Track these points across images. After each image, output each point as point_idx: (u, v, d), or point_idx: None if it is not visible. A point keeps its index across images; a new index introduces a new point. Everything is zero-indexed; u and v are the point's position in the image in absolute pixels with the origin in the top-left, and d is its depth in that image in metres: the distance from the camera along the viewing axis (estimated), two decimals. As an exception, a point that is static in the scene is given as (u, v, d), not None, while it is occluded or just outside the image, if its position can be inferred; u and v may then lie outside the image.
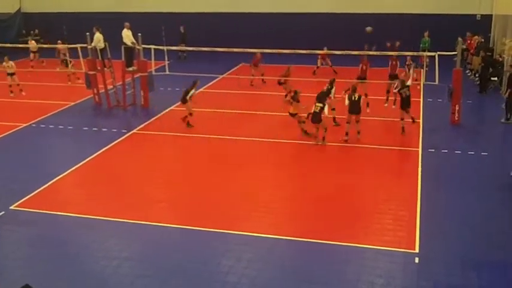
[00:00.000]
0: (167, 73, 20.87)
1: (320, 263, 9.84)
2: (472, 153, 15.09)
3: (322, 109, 15.72)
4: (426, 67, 22.53)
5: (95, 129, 18.04)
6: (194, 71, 20.83)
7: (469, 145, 15.71)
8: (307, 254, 10.22)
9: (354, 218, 11.51)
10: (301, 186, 13.35)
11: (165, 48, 21.06)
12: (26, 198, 12.64)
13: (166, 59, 20.86)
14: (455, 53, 18.06)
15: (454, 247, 10.29)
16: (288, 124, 17.36)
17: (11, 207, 12.16)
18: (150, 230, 11.17)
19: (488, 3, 27.79)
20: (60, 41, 25.68)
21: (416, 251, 10.11)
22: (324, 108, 15.72)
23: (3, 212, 11.94)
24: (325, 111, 15.77)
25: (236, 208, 12.04)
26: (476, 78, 22.80)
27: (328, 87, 17.65)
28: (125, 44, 20.05)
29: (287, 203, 12.42)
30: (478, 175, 13.67)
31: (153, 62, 20.45)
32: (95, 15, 29.15)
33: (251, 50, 20.66)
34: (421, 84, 20.15)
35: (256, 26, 30.06)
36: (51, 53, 26.49)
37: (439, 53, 18.16)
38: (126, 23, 20.25)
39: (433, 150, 15.32)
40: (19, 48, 26.44)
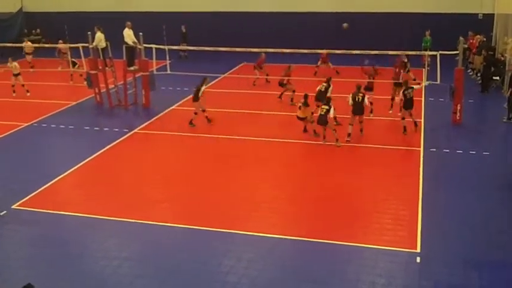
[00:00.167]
0: (168, 72, 20.84)
1: (321, 263, 9.84)
2: (473, 152, 15.06)
3: (328, 111, 15.65)
4: (428, 66, 22.48)
5: (96, 128, 18.05)
6: (195, 71, 20.82)
7: (471, 145, 15.68)
8: (309, 253, 10.21)
9: (354, 218, 11.51)
10: (303, 186, 13.33)
11: (166, 47, 21.03)
12: (28, 197, 12.67)
13: (168, 58, 20.83)
14: (457, 52, 17.99)
15: (454, 247, 10.28)
16: (290, 124, 17.35)
17: (13, 207, 12.19)
18: (150, 229, 11.17)
19: (490, 2, 27.66)
20: (61, 40, 25.67)
21: (418, 250, 10.10)
22: (330, 110, 15.66)
23: (5, 212, 11.96)
24: (331, 114, 15.70)
25: (237, 208, 12.04)
26: (478, 78, 22.75)
27: (325, 86, 17.64)
28: (126, 44, 20.04)
29: (288, 202, 12.40)
30: (480, 175, 13.65)
31: (154, 61, 20.42)
32: (97, 15, 29.13)
33: (253, 50, 20.62)
34: (423, 83, 20.07)
35: (257, 25, 30.00)
36: (53, 52, 26.46)
37: (441, 52, 18.11)
38: (128, 22, 20.22)
39: (434, 150, 15.29)
40: (20, 47, 26.38)
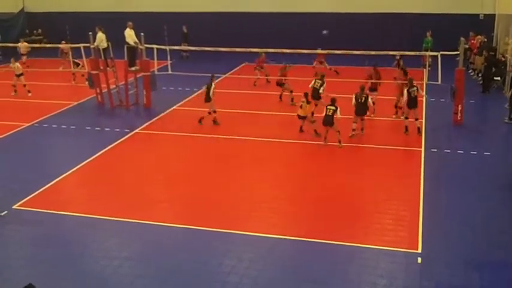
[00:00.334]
0: (170, 73, 20.87)
1: (322, 263, 9.83)
2: (474, 153, 15.05)
3: (334, 112, 15.55)
4: (429, 67, 22.46)
5: (97, 128, 18.07)
6: (197, 71, 20.84)
7: (472, 145, 15.67)
8: (309, 254, 10.20)
9: (355, 218, 11.50)
10: (303, 186, 13.33)
11: (167, 47, 21.08)
12: (29, 197, 12.68)
13: (169, 58, 20.86)
14: (457, 52, 17.99)
15: (456, 247, 10.28)
16: (290, 124, 17.35)
17: (14, 207, 12.19)
18: (151, 229, 11.18)
19: (491, 3, 27.66)
20: (63, 41, 25.71)
21: (419, 251, 10.10)
22: (337, 111, 15.55)
23: (6, 212, 11.97)
24: (338, 114, 15.58)
25: (237, 208, 12.04)
26: (479, 78, 22.75)
27: (320, 83, 17.67)
28: (127, 44, 20.06)
29: (288, 203, 12.41)
30: (481, 175, 13.64)
31: (155, 61, 20.46)
32: (98, 15, 29.15)
33: (254, 50, 20.64)
34: (424, 83, 20.06)
35: (258, 25, 30.01)
36: (54, 52, 26.48)
37: (442, 52, 18.11)
38: (129, 23, 20.23)
39: (435, 150, 15.29)
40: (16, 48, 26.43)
